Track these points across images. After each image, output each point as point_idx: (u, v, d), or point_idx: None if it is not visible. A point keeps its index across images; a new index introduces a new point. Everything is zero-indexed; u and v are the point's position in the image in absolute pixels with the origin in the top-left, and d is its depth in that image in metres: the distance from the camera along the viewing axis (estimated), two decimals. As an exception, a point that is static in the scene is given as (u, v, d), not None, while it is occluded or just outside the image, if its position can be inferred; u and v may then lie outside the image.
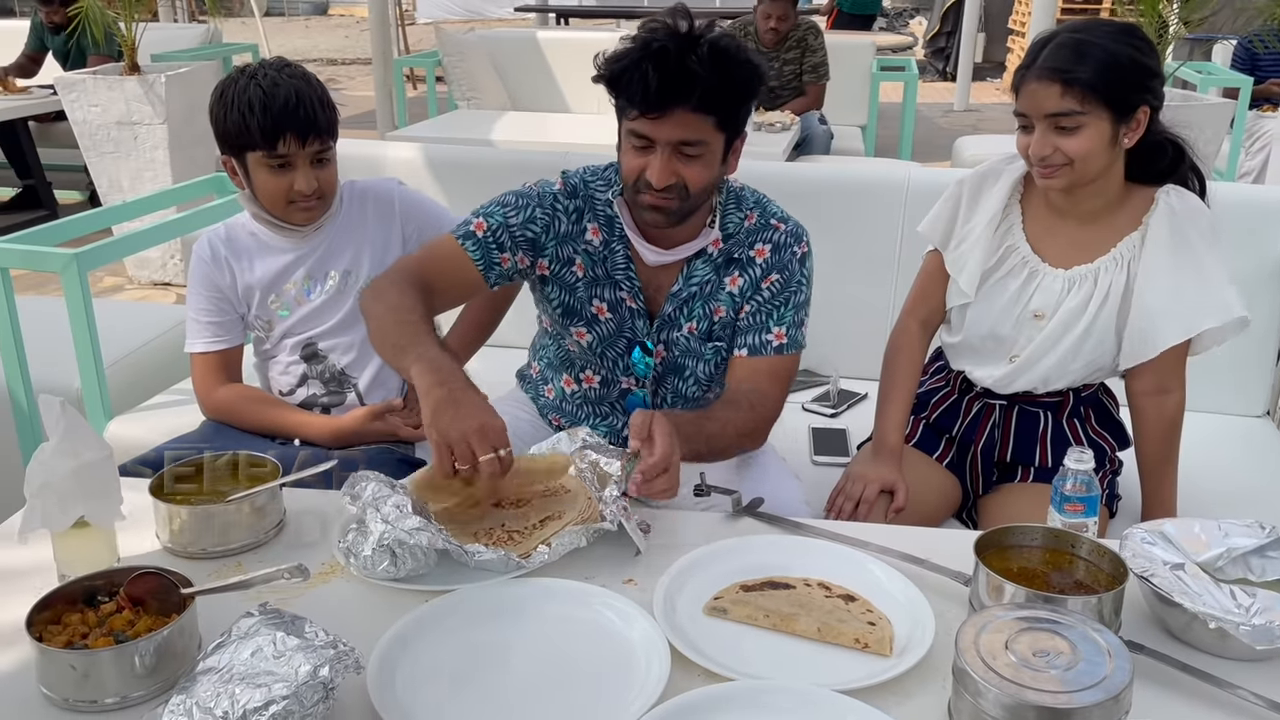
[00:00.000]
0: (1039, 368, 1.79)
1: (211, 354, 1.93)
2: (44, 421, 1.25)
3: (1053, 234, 1.78)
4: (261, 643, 1.06)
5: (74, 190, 6.05)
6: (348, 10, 20.37)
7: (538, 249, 1.68)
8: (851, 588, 1.30)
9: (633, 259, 1.69)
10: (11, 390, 2.29)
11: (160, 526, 1.38)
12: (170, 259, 4.64)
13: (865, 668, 1.16)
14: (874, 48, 6.09)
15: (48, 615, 1.14)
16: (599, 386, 1.80)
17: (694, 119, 1.50)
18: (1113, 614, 1.17)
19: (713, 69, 1.47)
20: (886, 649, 1.19)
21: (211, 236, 1.95)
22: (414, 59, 6.81)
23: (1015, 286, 1.78)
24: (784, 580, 1.31)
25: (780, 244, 1.68)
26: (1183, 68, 5.12)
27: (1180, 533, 1.30)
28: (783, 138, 4.50)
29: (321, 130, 1.80)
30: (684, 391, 1.78)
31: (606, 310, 1.71)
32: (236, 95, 1.77)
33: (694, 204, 1.59)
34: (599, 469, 1.45)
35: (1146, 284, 1.70)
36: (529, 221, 1.66)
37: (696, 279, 1.69)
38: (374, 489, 1.32)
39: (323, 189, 1.84)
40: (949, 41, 11.25)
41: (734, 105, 1.54)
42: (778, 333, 1.67)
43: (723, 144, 1.57)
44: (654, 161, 1.53)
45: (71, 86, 4.25)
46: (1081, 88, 1.60)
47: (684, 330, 1.71)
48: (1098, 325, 1.74)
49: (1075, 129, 1.62)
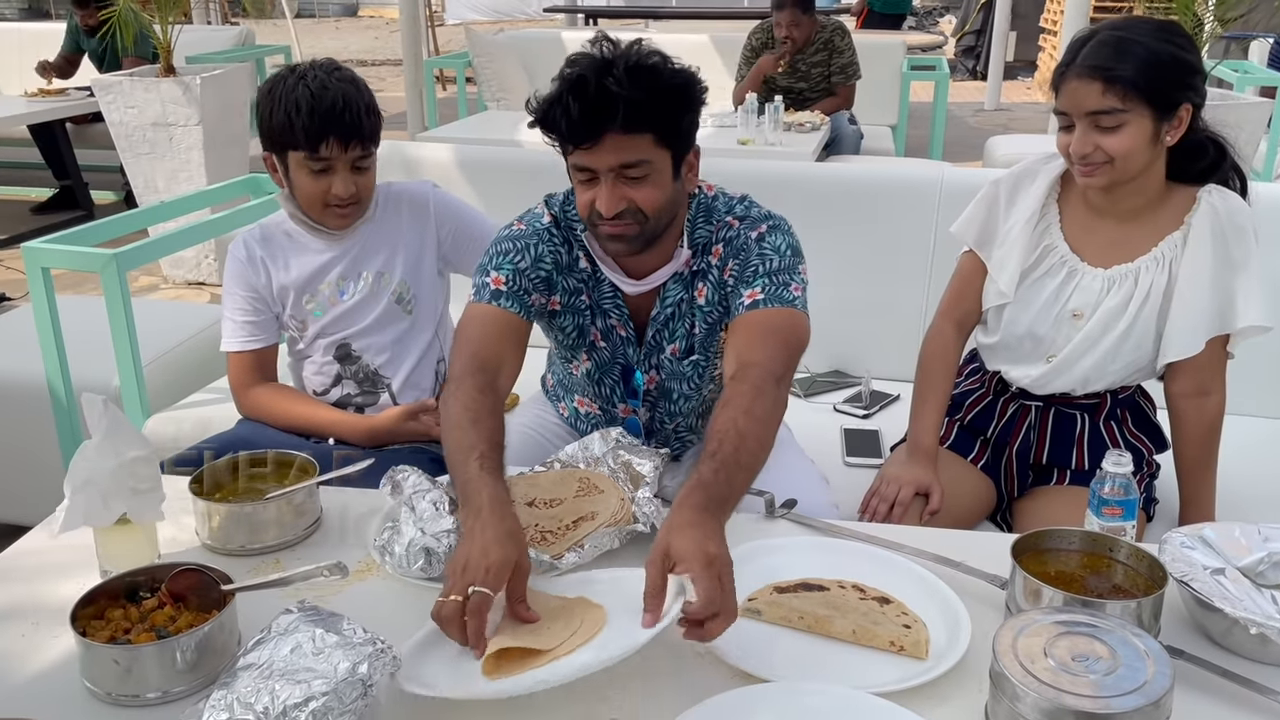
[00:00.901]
0: (1078, 369, 1.77)
1: (247, 353, 1.95)
2: (86, 419, 1.27)
3: (1091, 233, 1.76)
4: (301, 639, 1.07)
5: (110, 191, 6.13)
6: (377, 11, 20.51)
7: (551, 286, 1.65)
8: (887, 590, 1.29)
9: (618, 286, 1.66)
10: (52, 388, 2.32)
11: (200, 524, 1.40)
12: (205, 259, 4.69)
13: (900, 670, 1.15)
14: (904, 47, 6.06)
15: (91, 610, 1.16)
16: (600, 415, 1.81)
17: (628, 140, 1.47)
18: (1152, 619, 1.16)
19: (632, 86, 1.44)
20: (922, 652, 1.18)
21: (247, 237, 1.96)
22: (444, 60, 6.85)
23: (1054, 286, 1.76)
24: (818, 582, 1.31)
25: (732, 238, 1.62)
26: (1219, 66, 5.05)
27: (1220, 537, 1.29)
28: (812, 138, 4.49)
29: (364, 137, 1.81)
30: (677, 413, 1.77)
31: (601, 338, 1.70)
32: (285, 94, 1.77)
33: (656, 225, 1.55)
34: (632, 469, 1.46)
35: (1188, 283, 1.68)
36: (538, 262, 1.63)
37: (671, 300, 1.66)
38: (415, 481, 1.33)
39: (360, 194, 1.85)
40: (979, 40, 11.16)
41: (667, 120, 1.49)
42: (750, 293, 1.55)
43: (669, 161, 1.52)
44: (600, 191, 1.50)
45: (108, 88, 4.30)
46: (1123, 85, 1.58)
47: (667, 353, 1.69)
48: (1138, 325, 1.72)
49: (1116, 127, 1.61)
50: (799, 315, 1.55)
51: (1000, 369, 1.87)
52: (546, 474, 1.51)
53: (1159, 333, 1.73)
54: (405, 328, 1.96)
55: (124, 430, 1.28)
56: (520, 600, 1.19)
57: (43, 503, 1.47)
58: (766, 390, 1.42)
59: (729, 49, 5.36)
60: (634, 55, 1.47)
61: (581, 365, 1.74)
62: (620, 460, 1.48)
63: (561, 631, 1.17)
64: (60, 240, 2.33)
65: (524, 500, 1.45)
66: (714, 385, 1.75)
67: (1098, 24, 1.72)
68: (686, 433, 1.82)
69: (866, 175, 2.63)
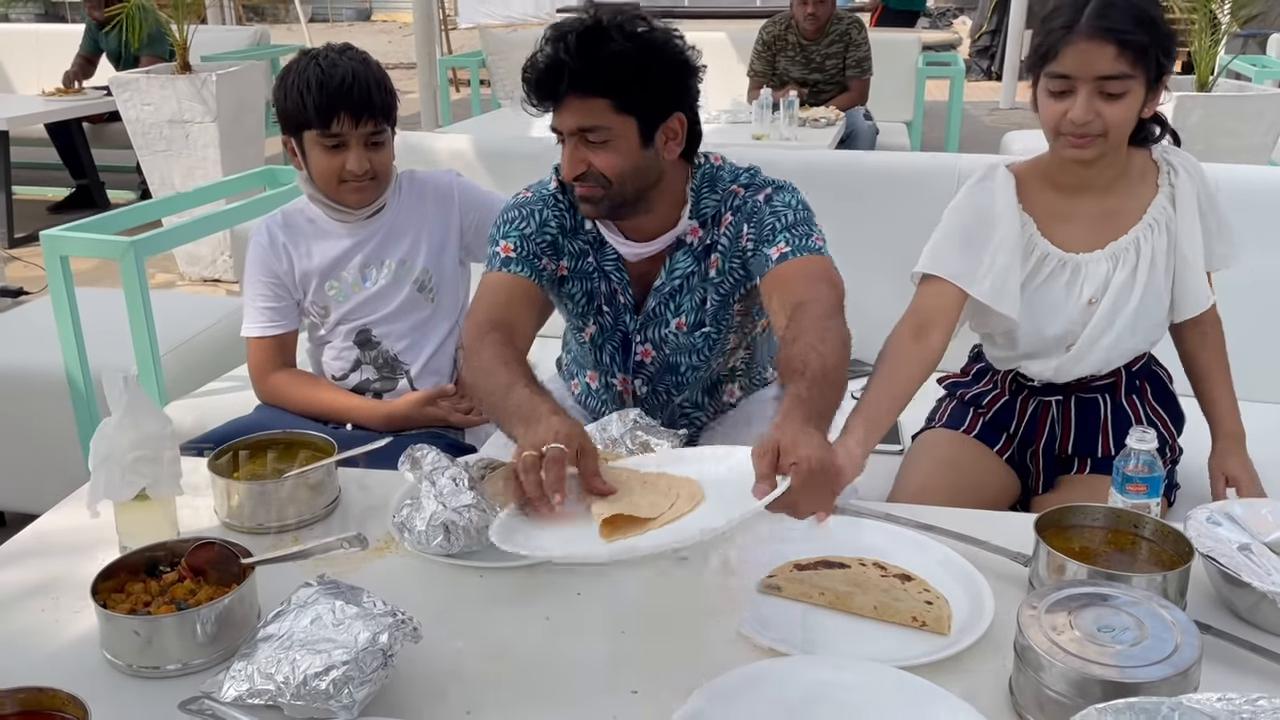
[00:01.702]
0: (1098, 350, 1.74)
1: (267, 338, 1.95)
2: (107, 395, 1.28)
3: (1071, 220, 1.72)
4: (321, 611, 1.07)
5: (126, 190, 6.16)
6: (390, 16, 20.57)
7: (558, 250, 1.66)
8: (907, 568, 1.28)
9: (619, 255, 1.66)
10: (70, 374, 2.33)
11: (219, 502, 1.40)
12: (221, 255, 4.71)
13: (924, 645, 1.14)
14: (919, 44, 6.05)
15: (111, 584, 1.16)
16: (601, 389, 1.80)
17: (583, 104, 1.49)
18: (1178, 594, 1.15)
19: (578, 54, 1.47)
20: (944, 628, 1.17)
21: (270, 223, 1.97)
22: (458, 59, 6.87)
23: (1062, 284, 1.72)
24: (839, 560, 1.30)
25: (740, 205, 1.61)
26: (1236, 60, 5.02)
27: (1247, 513, 1.27)
28: (827, 133, 4.48)
29: (376, 111, 1.82)
30: (682, 390, 1.76)
31: (605, 302, 1.70)
32: (297, 75, 1.81)
33: (621, 191, 1.54)
34: (650, 450, 1.45)
35: (1188, 241, 1.69)
36: (543, 227, 1.64)
37: (680, 271, 1.65)
38: (434, 458, 1.33)
39: (375, 170, 1.85)
40: (994, 41, 11.13)
41: (623, 86, 1.49)
42: (775, 249, 1.55)
43: (633, 127, 1.51)
44: (564, 152, 1.55)
45: (125, 86, 4.33)
46: (1134, 51, 1.54)
47: (672, 327, 1.68)
48: (1149, 293, 1.70)
49: (1121, 95, 1.56)
50: (828, 261, 1.55)
51: (1017, 367, 1.82)
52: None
53: (1168, 292, 1.73)
54: (426, 315, 1.96)
55: (144, 406, 1.28)
56: (594, 474, 1.21)
57: (62, 493, 1.48)
58: (830, 323, 1.41)
59: (745, 46, 5.36)
60: (599, 21, 1.49)
61: (588, 332, 1.73)
62: (639, 441, 1.47)
63: (660, 503, 1.15)
64: (78, 229, 2.34)
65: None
66: (723, 359, 1.74)
67: None
68: (693, 409, 1.81)
69: (882, 164, 2.62)
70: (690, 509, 1.15)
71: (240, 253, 3.81)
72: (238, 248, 3.89)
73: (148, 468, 1.27)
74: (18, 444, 2.55)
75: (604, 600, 1.24)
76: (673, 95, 1.55)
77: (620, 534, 1.13)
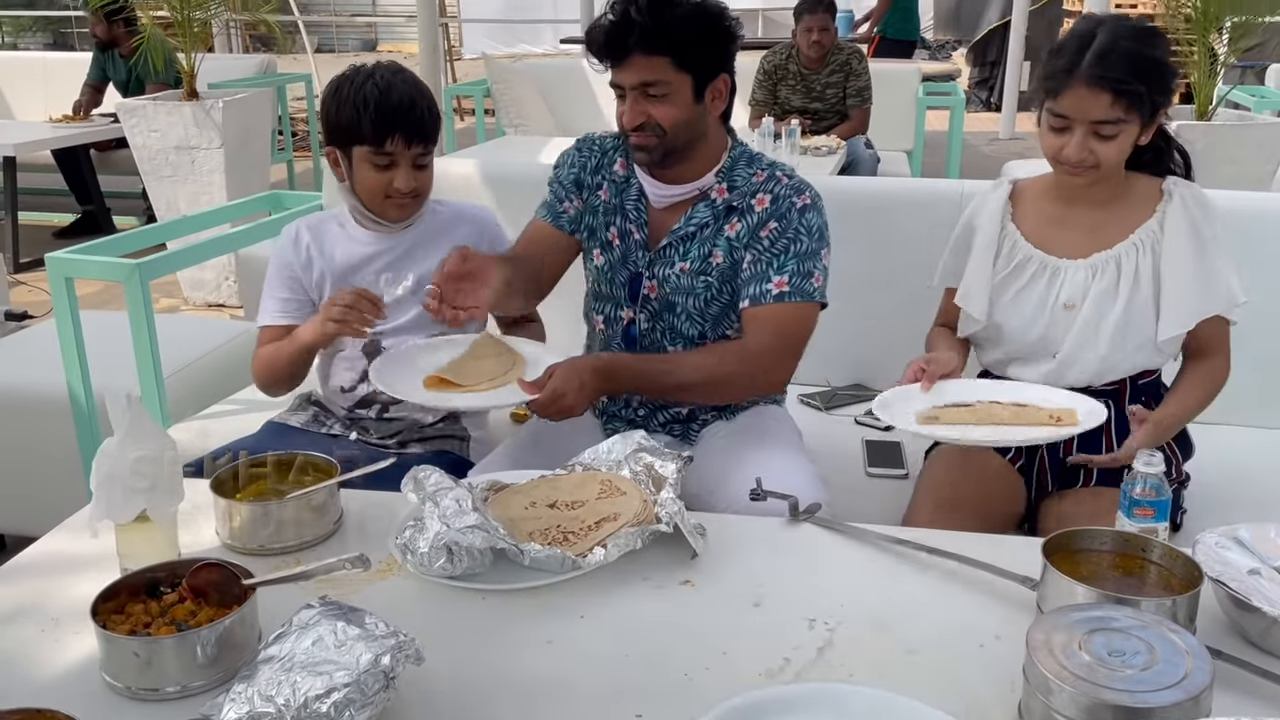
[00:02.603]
0: (1086, 361, 1.81)
1: (277, 327, 1.99)
2: (110, 416, 1.27)
3: (1063, 227, 1.84)
4: (322, 632, 1.06)
5: (131, 216, 6.18)
6: (395, 47, 20.73)
7: (580, 186, 1.90)
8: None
9: (644, 196, 1.85)
10: (73, 395, 2.33)
11: (220, 523, 1.40)
12: (225, 280, 4.72)
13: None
14: (920, 73, 6.08)
15: (111, 605, 1.15)
16: (605, 327, 1.93)
17: (648, 61, 1.69)
18: (1188, 619, 1.14)
19: (649, 14, 1.66)
20: (1075, 419, 1.58)
21: (300, 222, 2.04)
22: (462, 87, 6.91)
23: (1041, 286, 1.83)
24: (961, 401, 1.69)
25: (780, 195, 1.78)
26: (1235, 90, 5.05)
27: (1255, 538, 1.26)
28: (829, 161, 4.50)
29: (427, 135, 1.88)
30: (680, 328, 1.86)
31: (617, 237, 1.87)
32: (353, 92, 1.85)
33: (674, 140, 1.74)
34: (654, 471, 1.45)
35: (1171, 266, 1.76)
36: (570, 167, 1.90)
37: (696, 220, 1.82)
38: (437, 479, 1.32)
39: (419, 189, 1.92)
40: (993, 72, 11.20)
41: (684, 45, 1.69)
42: (778, 281, 1.76)
43: (690, 85, 1.72)
44: (625, 105, 1.74)
45: (132, 112, 4.36)
46: (1129, 98, 1.65)
47: (677, 269, 1.83)
48: (1136, 308, 1.78)
49: (1114, 135, 1.68)
50: (812, 309, 1.79)
51: (1012, 375, 1.89)
52: (568, 477, 1.50)
53: (1155, 311, 1.79)
54: (440, 334, 1.97)
55: (146, 426, 1.28)
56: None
57: (62, 517, 1.47)
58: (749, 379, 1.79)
59: (746, 75, 5.39)
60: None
61: (597, 260, 1.90)
62: (642, 462, 1.46)
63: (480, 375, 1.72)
64: (83, 251, 2.34)
65: (546, 503, 1.43)
66: (718, 314, 1.86)
67: (1088, 20, 1.75)
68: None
69: (887, 189, 2.63)
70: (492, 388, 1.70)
71: (245, 277, 3.83)
72: (242, 272, 3.91)
73: (149, 488, 1.26)
74: (19, 468, 2.54)
75: (608, 623, 1.23)
76: (720, 57, 1.76)
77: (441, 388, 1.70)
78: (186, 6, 4.31)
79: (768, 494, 1.49)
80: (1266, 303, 2.10)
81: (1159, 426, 1.74)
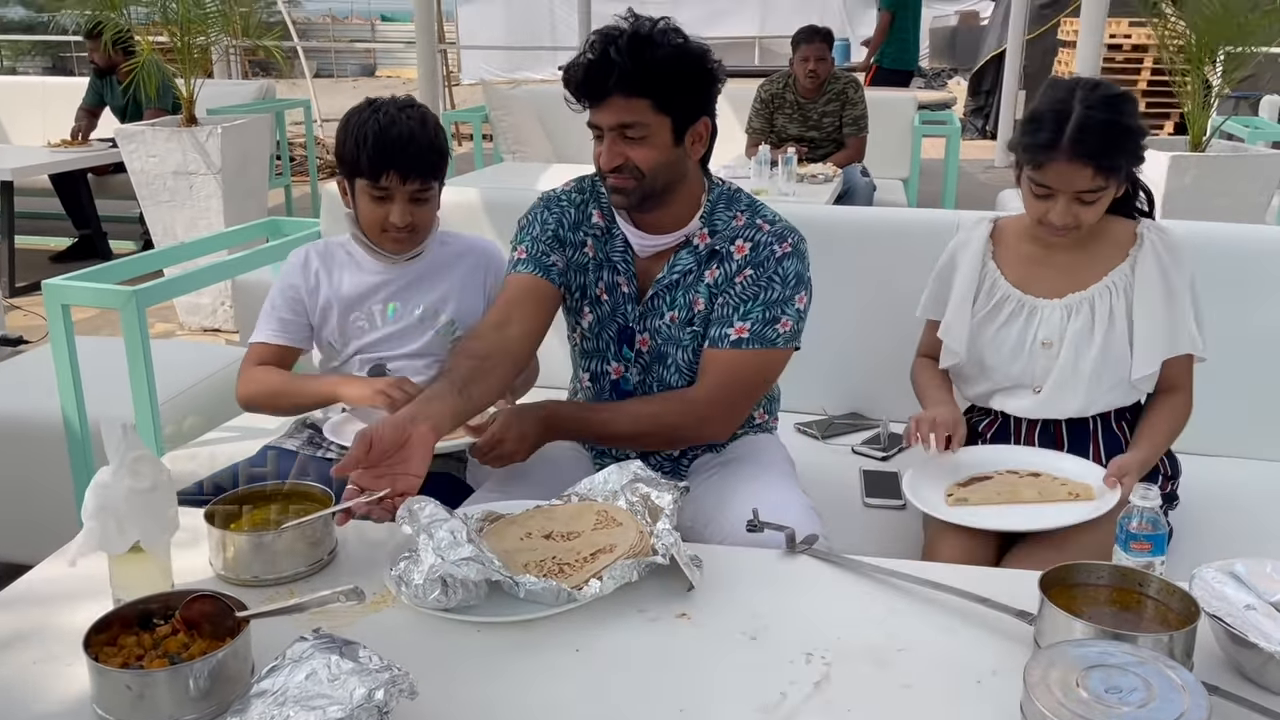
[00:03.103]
0: (1067, 398, 1.88)
1: (270, 346, 1.99)
2: (106, 444, 1.27)
3: (1041, 266, 1.91)
4: (316, 666, 1.05)
5: (128, 240, 6.20)
6: (394, 72, 20.87)
7: (563, 243, 1.82)
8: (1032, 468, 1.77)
9: (629, 247, 1.81)
10: (68, 422, 2.32)
11: (214, 553, 1.39)
12: (221, 305, 4.72)
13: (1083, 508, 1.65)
14: (915, 102, 6.13)
15: (104, 637, 1.14)
16: (592, 383, 1.89)
17: (627, 103, 1.65)
18: (1184, 655, 1.13)
19: (629, 55, 1.62)
20: (1092, 494, 1.68)
21: (310, 246, 2.05)
22: (461, 113, 6.95)
23: (1019, 324, 1.90)
24: (982, 474, 1.75)
25: (760, 243, 1.75)
26: (1229, 121, 5.09)
27: (1252, 573, 1.26)
28: (825, 189, 4.53)
29: (424, 172, 1.89)
30: (669, 380, 1.84)
31: (605, 291, 1.83)
32: (357, 125, 1.88)
33: (653, 185, 1.70)
34: (650, 502, 1.44)
35: (1140, 309, 1.85)
36: (545, 225, 1.82)
37: (680, 268, 1.78)
38: (431, 510, 1.32)
39: (416, 224, 1.92)
40: (988, 100, 11.29)
41: (665, 87, 1.65)
42: (739, 327, 1.73)
43: (669, 127, 1.68)
44: (603, 146, 1.70)
45: (131, 137, 4.37)
46: (1109, 170, 1.75)
47: (666, 318, 1.80)
48: (1111, 348, 1.85)
49: (1095, 201, 1.78)
50: (774, 355, 1.76)
51: (994, 406, 1.97)
52: (563, 507, 1.50)
53: (1132, 352, 1.86)
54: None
55: (142, 456, 1.27)
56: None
57: (56, 544, 1.45)
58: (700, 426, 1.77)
59: (743, 103, 5.43)
60: (643, 28, 1.65)
61: (585, 319, 1.86)
62: (639, 493, 1.46)
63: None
64: (80, 278, 2.34)
65: (541, 534, 1.43)
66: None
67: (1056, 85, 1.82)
68: None
69: (883, 219, 2.64)
70: None
71: (242, 303, 3.82)
72: (239, 298, 3.91)
73: (145, 519, 1.26)
74: (12, 494, 2.53)
75: (603, 657, 1.22)
76: (701, 100, 1.72)
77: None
78: (187, 33, 4.34)
79: (765, 525, 1.49)
80: (1257, 334, 2.12)
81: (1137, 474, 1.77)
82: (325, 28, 23.77)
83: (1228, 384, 2.03)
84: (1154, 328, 1.84)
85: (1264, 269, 2.24)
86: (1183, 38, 4.04)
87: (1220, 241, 2.25)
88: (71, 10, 5.46)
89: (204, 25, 4.41)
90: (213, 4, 4.50)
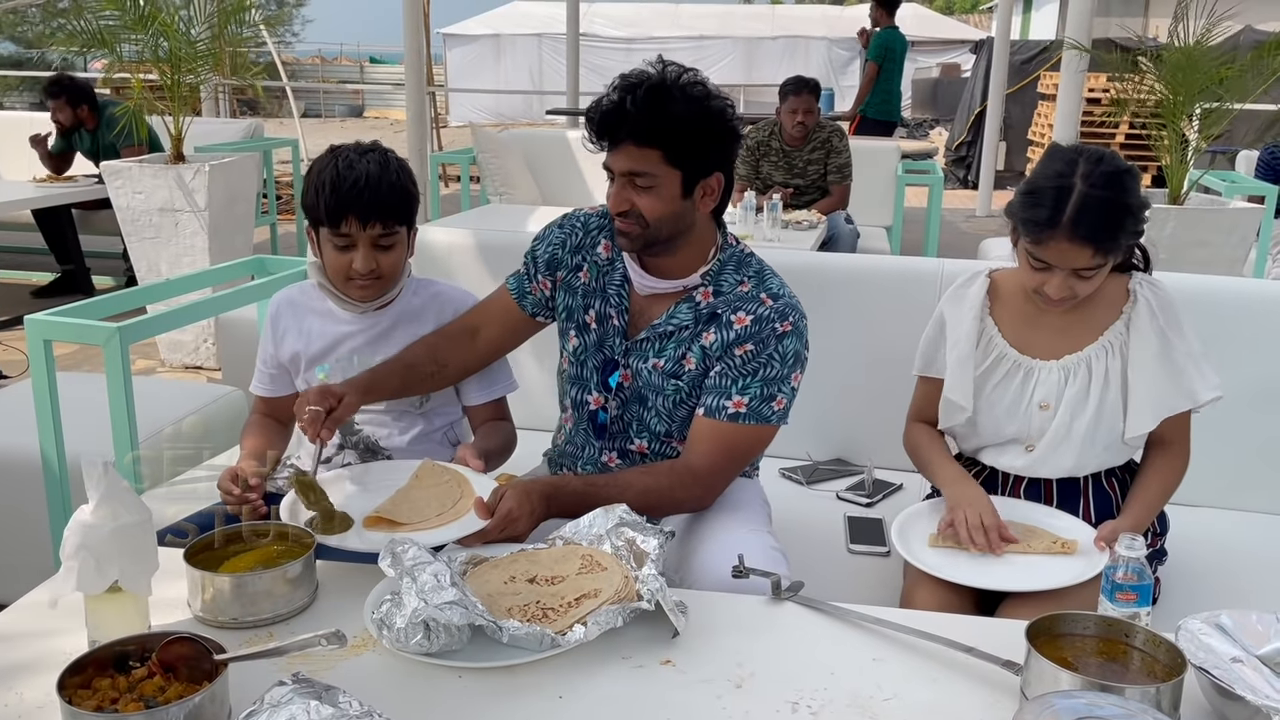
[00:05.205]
0: (1061, 458, 1.86)
1: (263, 398, 2.02)
2: (86, 483, 1.25)
3: (1036, 327, 1.89)
4: (295, 711, 1.04)
5: (110, 276, 6.17)
6: (382, 113, 21.01)
7: (554, 265, 1.86)
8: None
9: (628, 282, 1.82)
10: (46, 459, 2.29)
11: (192, 595, 1.37)
12: (204, 343, 4.69)
13: (1069, 564, 1.66)
14: (899, 151, 6.20)
15: (79, 680, 1.12)
16: (574, 413, 1.89)
17: (638, 152, 1.67)
18: (1172, 707, 1.13)
19: (645, 107, 1.64)
20: (1074, 549, 1.69)
21: (280, 297, 2.02)
22: (449, 155, 6.98)
23: (1015, 385, 1.87)
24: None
25: (762, 317, 1.74)
26: (1207, 175, 5.17)
27: (1237, 625, 1.26)
28: (809, 235, 4.56)
29: (385, 216, 1.81)
30: (648, 422, 1.83)
31: (595, 320, 1.84)
32: (318, 172, 1.83)
33: (657, 232, 1.71)
34: (635, 547, 1.44)
35: (1135, 368, 1.82)
36: (548, 244, 1.87)
37: (677, 320, 1.78)
38: (415, 553, 1.30)
39: (381, 271, 1.85)
40: (970, 151, 11.45)
41: (677, 141, 1.66)
42: (737, 400, 1.72)
43: (679, 180, 1.69)
44: (613, 190, 1.72)
45: (117, 173, 4.37)
46: (1108, 248, 1.72)
47: (650, 363, 1.79)
48: (1106, 409, 1.83)
49: (1094, 275, 1.75)
50: (766, 431, 1.76)
51: (984, 460, 1.95)
52: (548, 550, 1.48)
53: (1123, 411, 1.84)
54: (413, 416, 1.95)
55: (122, 494, 1.26)
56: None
57: (32, 582, 1.43)
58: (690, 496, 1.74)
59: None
60: (666, 79, 1.67)
61: (571, 343, 1.87)
62: (624, 537, 1.45)
63: (427, 510, 1.59)
64: (63, 314, 2.32)
65: (525, 577, 1.42)
66: (686, 417, 1.81)
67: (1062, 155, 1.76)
68: (653, 459, 1.85)
69: (868, 266, 2.66)
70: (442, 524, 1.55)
71: (225, 341, 3.81)
72: (222, 336, 3.89)
73: (124, 558, 1.24)
74: (-11, 530, 2.49)
75: (587, 704, 1.21)
76: (716, 156, 1.73)
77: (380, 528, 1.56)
78: (178, 70, 4.35)
79: (750, 571, 1.48)
80: (1239, 387, 2.13)
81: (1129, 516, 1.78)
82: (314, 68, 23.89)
83: (1212, 436, 2.04)
84: (1149, 388, 1.81)
85: (1244, 321, 2.26)
86: (1158, 94, 4.12)
87: (1200, 293, 2.27)
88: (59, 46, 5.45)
89: (194, 64, 4.43)
90: (203, 43, 4.52)
